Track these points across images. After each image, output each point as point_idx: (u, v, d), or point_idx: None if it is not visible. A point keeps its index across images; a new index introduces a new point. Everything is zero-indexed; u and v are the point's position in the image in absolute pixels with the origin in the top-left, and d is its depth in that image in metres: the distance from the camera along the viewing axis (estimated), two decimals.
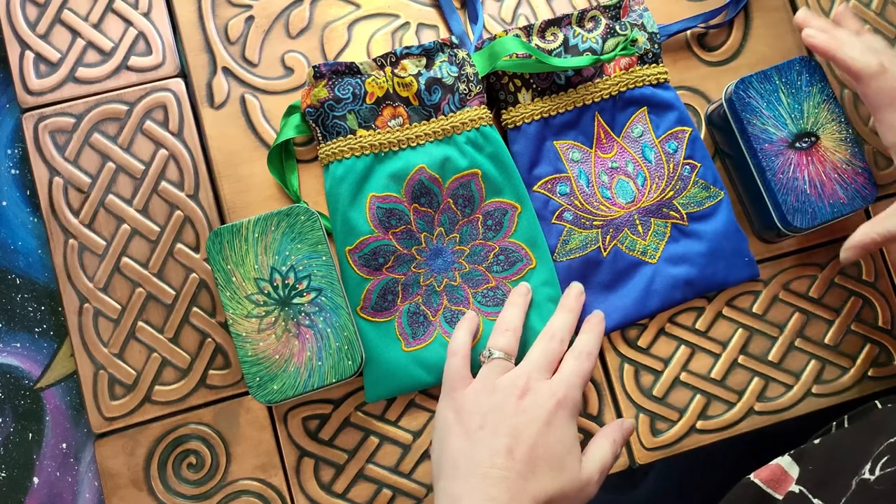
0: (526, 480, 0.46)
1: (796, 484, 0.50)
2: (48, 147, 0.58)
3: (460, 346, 0.53)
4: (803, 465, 0.51)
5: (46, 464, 0.60)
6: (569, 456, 0.49)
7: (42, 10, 0.60)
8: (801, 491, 0.49)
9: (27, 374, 0.61)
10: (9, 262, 0.62)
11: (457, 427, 0.49)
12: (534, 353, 0.52)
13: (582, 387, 0.51)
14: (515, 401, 0.49)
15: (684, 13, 0.62)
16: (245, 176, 0.58)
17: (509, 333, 0.53)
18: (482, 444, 0.48)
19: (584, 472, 0.49)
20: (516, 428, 0.48)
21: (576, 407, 0.50)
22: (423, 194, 0.56)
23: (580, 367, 0.52)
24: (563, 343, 0.53)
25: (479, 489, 0.46)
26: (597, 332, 0.54)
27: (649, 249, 0.58)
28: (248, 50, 0.60)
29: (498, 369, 0.51)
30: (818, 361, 0.60)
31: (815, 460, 0.51)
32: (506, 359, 0.52)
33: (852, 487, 0.47)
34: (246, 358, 0.53)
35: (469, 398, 0.50)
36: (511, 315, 0.54)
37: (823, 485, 0.49)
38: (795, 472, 0.50)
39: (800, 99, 0.57)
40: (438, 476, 0.49)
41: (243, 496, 0.56)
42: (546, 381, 0.51)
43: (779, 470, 0.51)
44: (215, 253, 0.53)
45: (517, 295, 0.55)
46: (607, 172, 0.59)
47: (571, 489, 0.48)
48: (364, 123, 0.56)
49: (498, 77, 0.58)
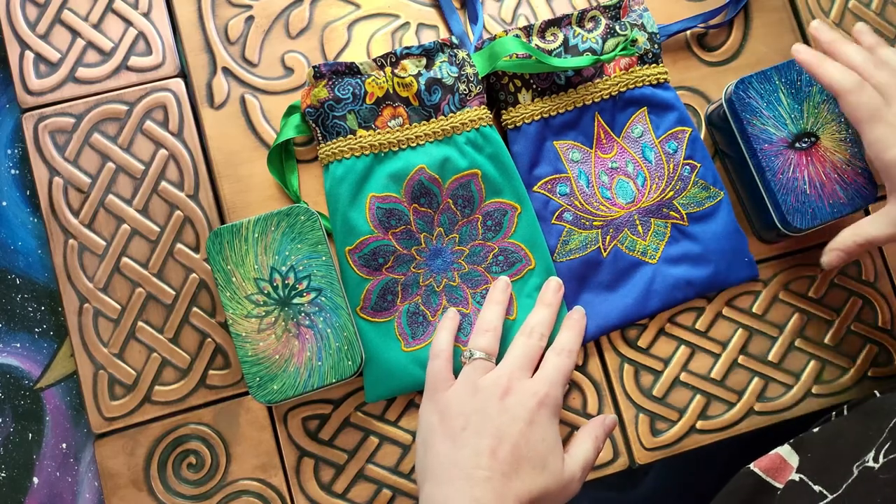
0: (510, 480, 0.47)
1: (796, 472, 0.50)
2: (48, 147, 0.58)
3: (443, 348, 0.53)
4: (803, 453, 0.51)
5: (46, 464, 0.60)
6: (551, 455, 0.49)
7: (42, 10, 0.60)
8: (802, 479, 0.49)
9: (27, 374, 0.61)
10: (9, 262, 0.62)
11: (440, 429, 0.49)
12: (514, 351, 0.52)
13: (563, 384, 0.52)
14: (497, 401, 0.49)
15: (684, 13, 0.62)
16: (245, 176, 0.59)
17: (489, 334, 0.53)
18: (466, 446, 0.48)
19: (567, 470, 0.49)
20: (499, 428, 0.48)
21: (557, 405, 0.51)
22: (422, 194, 0.56)
23: (561, 364, 0.52)
24: (542, 339, 0.53)
25: (463, 491, 0.46)
26: (577, 328, 0.55)
27: (649, 250, 0.58)
28: (248, 50, 0.60)
29: (479, 370, 0.51)
30: (818, 361, 0.60)
31: (814, 448, 0.51)
32: (487, 359, 0.52)
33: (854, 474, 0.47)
34: (246, 358, 0.53)
35: (452, 400, 0.50)
36: (491, 314, 0.54)
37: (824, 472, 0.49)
38: (795, 461, 0.51)
39: (800, 99, 0.57)
40: (423, 479, 0.49)
41: (243, 496, 0.56)
42: (527, 379, 0.51)
43: (778, 459, 0.51)
44: (215, 253, 0.53)
45: (497, 291, 0.55)
46: (607, 173, 0.59)
47: (555, 487, 0.48)
48: (364, 123, 0.56)
49: (498, 77, 0.58)
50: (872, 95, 0.52)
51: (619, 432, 0.58)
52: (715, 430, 0.59)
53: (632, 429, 0.58)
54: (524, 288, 0.57)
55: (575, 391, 0.58)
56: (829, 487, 0.47)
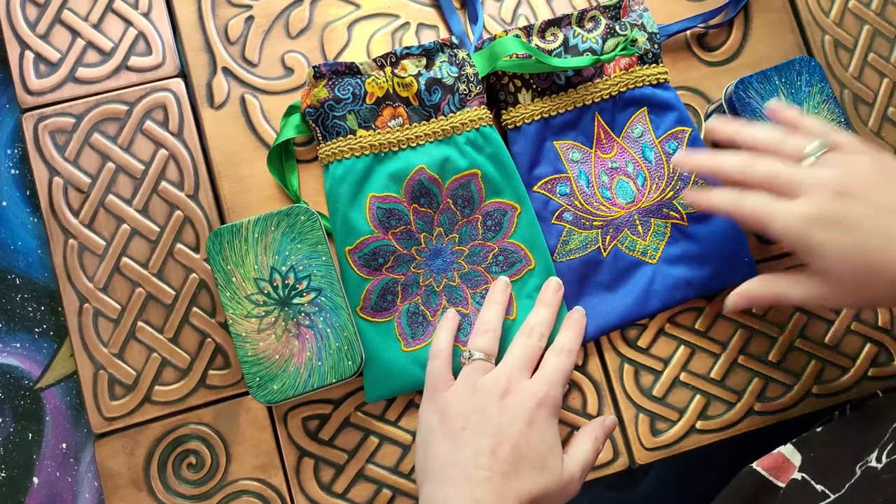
0: (510, 480, 0.47)
1: (799, 471, 0.50)
2: (48, 147, 0.58)
3: (442, 349, 0.53)
4: (805, 452, 0.51)
5: (46, 464, 0.60)
6: (551, 455, 0.49)
7: (42, 10, 0.60)
8: (804, 478, 0.49)
9: (27, 374, 0.61)
10: (9, 262, 0.62)
11: (440, 429, 0.49)
12: (514, 351, 0.52)
13: (563, 384, 0.52)
14: (497, 401, 0.49)
15: (684, 13, 0.62)
16: (245, 176, 0.59)
17: (489, 334, 0.53)
18: (466, 446, 0.48)
19: (567, 471, 0.50)
20: (499, 428, 0.48)
21: (556, 405, 0.51)
22: (422, 194, 0.56)
23: (561, 364, 0.52)
24: (542, 339, 0.53)
25: (463, 491, 0.46)
26: (577, 329, 0.55)
27: (649, 250, 0.58)
28: (248, 50, 0.60)
29: (479, 370, 0.51)
30: (818, 361, 0.60)
31: (817, 448, 0.51)
32: (486, 359, 0.52)
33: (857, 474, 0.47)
34: (246, 358, 0.53)
35: (451, 400, 0.50)
36: (491, 315, 0.54)
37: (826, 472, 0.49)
38: (798, 460, 0.51)
39: (800, 99, 0.57)
40: (423, 479, 0.49)
41: (243, 496, 0.56)
42: (527, 380, 0.51)
43: (781, 458, 0.51)
44: (215, 253, 0.54)
45: (497, 292, 0.55)
46: (607, 173, 0.59)
47: (555, 488, 0.48)
48: (364, 123, 0.56)
49: (498, 77, 0.58)
50: (774, 201, 0.47)
51: (619, 432, 0.58)
52: (715, 430, 0.59)
53: (632, 429, 0.58)
54: (524, 288, 0.57)
55: (575, 391, 0.58)
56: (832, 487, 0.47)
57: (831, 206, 0.46)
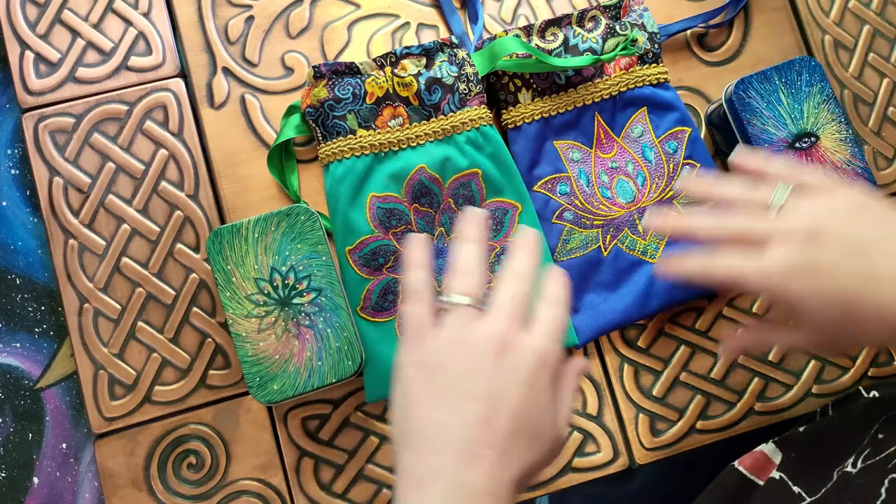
0: (507, 458, 0.39)
1: (777, 470, 0.50)
2: (48, 147, 0.58)
3: (422, 288, 0.44)
4: (787, 452, 0.51)
5: (46, 464, 0.60)
6: (549, 425, 0.42)
7: (42, 10, 0.60)
8: (782, 477, 0.49)
9: (27, 374, 0.61)
10: (9, 262, 0.62)
11: (426, 386, 0.41)
12: (503, 297, 0.43)
13: (562, 341, 0.43)
14: (493, 358, 0.41)
15: (684, 13, 0.62)
16: (245, 176, 0.58)
17: (471, 276, 0.43)
18: (454, 411, 0.40)
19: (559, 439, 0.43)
20: (494, 393, 0.40)
21: (557, 364, 0.42)
22: (423, 194, 0.56)
23: (559, 316, 0.43)
24: (532, 287, 0.44)
25: (451, 471, 0.38)
26: (563, 282, 0.45)
27: (650, 249, 0.58)
28: (248, 50, 0.60)
29: (467, 318, 0.42)
30: (818, 361, 0.60)
31: (797, 448, 0.51)
32: (474, 304, 0.42)
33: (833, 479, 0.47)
34: (246, 358, 0.53)
35: (439, 353, 0.42)
36: (468, 253, 0.44)
37: (804, 474, 0.49)
38: (778, 459, 0.51)
39: (800, 99, 0.57)
40: (402, 445, 0.41)
41: (243, 496, 0.56)
42: (527, 333, 0.42)
43: (762, 457, 0.51)
44: (215, 253, 0.53)
45: (469, 225, 0.45)
46: (607, 172, 0.59)
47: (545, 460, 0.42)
48: (364, 123, 0.56)
49: (498, 77, 0.58)
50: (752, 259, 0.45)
51: (619, 432, 0.58)
52: (715, 430, 0.59)
53: (632, 429, 0.58)
54: None
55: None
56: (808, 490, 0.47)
57: (803, 254, 0.43)
